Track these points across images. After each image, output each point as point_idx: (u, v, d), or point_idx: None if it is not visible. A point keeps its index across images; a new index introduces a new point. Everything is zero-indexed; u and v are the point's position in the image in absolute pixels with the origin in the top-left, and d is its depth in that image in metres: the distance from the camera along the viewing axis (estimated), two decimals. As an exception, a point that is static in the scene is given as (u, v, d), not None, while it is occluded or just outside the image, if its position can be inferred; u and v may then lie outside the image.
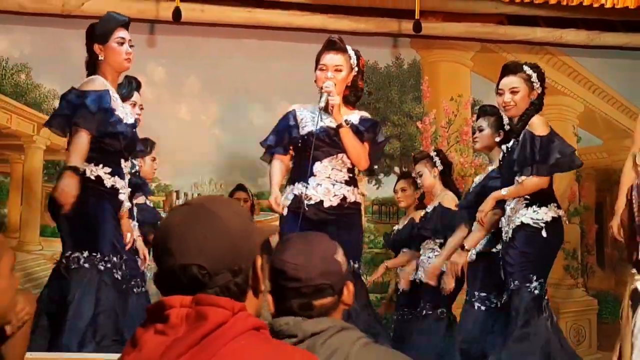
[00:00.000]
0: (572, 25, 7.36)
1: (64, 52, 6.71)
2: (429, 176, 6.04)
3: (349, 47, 4.81)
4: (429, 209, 6.06)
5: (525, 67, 5.01)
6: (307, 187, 4.67)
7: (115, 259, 4.39)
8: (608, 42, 7.39)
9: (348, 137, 4.68)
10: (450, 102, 7.50)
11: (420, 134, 7.41)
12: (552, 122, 7.02)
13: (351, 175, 4.79)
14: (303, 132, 4.77)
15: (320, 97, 4.66)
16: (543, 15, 7.23)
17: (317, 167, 4.70)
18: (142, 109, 5.41)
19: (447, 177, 6.08)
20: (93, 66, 4.50)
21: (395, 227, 6.52)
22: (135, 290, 5.15)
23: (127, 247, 4.76)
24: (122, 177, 4.51)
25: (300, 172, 4.76)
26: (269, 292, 2.51)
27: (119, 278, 4.41)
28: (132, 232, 4.88)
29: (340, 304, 2.40)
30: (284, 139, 4.84)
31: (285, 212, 4.73)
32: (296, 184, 4.75)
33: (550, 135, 4.90)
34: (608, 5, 6.51)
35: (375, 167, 5.27)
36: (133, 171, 5.25)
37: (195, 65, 7.14)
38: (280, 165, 4.86)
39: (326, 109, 4.66)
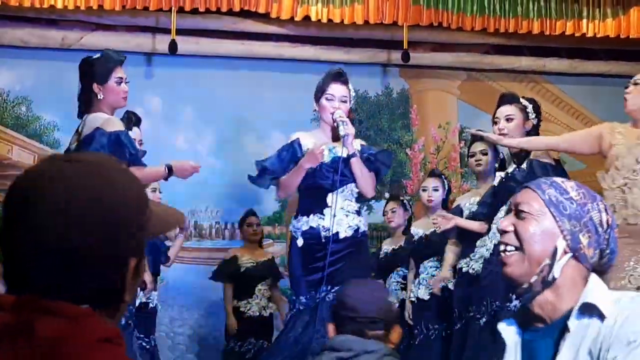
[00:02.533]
0: (555, 54, 7.41)
1: (63, 84, 6.48)
2: (442, 193, 5.95)
3: None
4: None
5: (522, 99, 4.99)
6: (323, 219, 4.49)
7: None
8: (590, 70, 7.43)
9: (358, 166, 4.50)
10: (438, 130, 7.50)
11: (409, 160, 7.41)
12: None
13: (359, 205, 4.67)
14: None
15: (337, 126, 4.44)
16: (527, 45, 7.28)
17: (331, 197, 4.51)
18: (141, 143, 5.30)
19: (446, 198, 6.05)
20: (89, 102, 4.39)
21: (384, 250, 6.37)
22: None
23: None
24: None
25: (313, 203, 4.55)
26: (331, 322, 2.86)
27: None
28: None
29: (387, 341, 2.72)
30: (289, 166, 4.62)
31: (300, 243, 4.54)
32: (311, 215, 4.53)
33: (558, 164, 4.87)
34: (589, 35, 6.58)
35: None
36: None
37: (190, 96, 7.13)
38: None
39: (336, 137, 4.52)
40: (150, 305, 5.74)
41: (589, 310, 1.88)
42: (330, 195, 4.50)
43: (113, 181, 1.27)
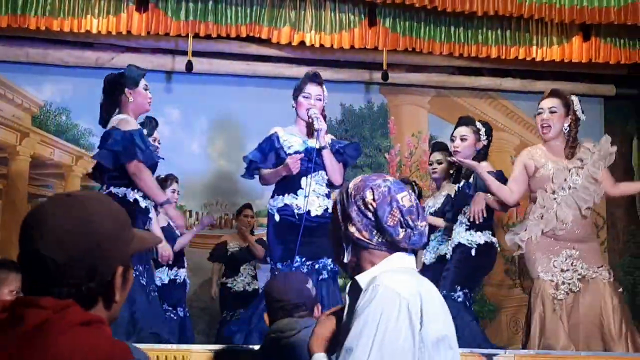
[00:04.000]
0: (509, 74, 7.41)
1: (97, 97, 6.22)
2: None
3: None
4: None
5: (477, 122, 5.06)
6: (296, 198, 4.46)
7: (141, 267, 4.35)
8: (538, 88, 7.17)
9: (328, 157, 4.49)
10: (411, 138, 7.56)
11: (387, 163, 7.44)
12: (493, 153, 7.07)
13: (329, 190, 4.59)
14: (290, 151, 4.51)
15: (312, 122, 4.43)
16: (486, 67, 7.27)
17: (304, 181, 4.46)
18: (159, 143, 5.37)
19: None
20: (115, 107, 4.41)
21: None
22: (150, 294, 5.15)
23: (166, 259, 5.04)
24: None
25: (289, 185, 4.49)
26: (265, 312, 2.95)
27: (144, 284, 4.37)
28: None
29: (313, 317, 2.81)
30: (270, 158, 4.57)
31: (277, 218, 4.49)
32: (286, 195, 4.49)
33: (499, 173, 4.85)
34: (538, 59, 6.48)
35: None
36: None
37: (204, 108, 7.20)
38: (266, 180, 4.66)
39: (311, 132, 4.49)
40: (178, 281, 5.74)
41: (356, 285, 1.94)
42: (304, 179, 4.45)
43: (94, 213, 1.37)
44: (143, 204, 4.36)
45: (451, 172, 5.34)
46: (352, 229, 1.95)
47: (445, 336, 1.83)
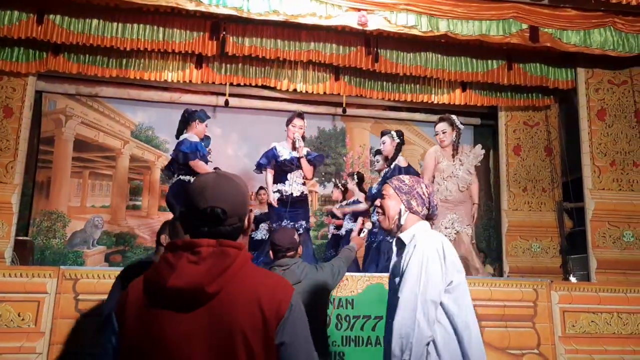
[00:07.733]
0: (418, 110, 7.35)
1: (170, 120, 6.22)
2: (353, 184, 5.90)
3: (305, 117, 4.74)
4: (352, 199, 5.98)
5: (392, 132, 5.10)
6: (284, 185, 4.45)
7: None
8: (435, 120, 7.26)
9: (304, 163, 4.45)
10: (359, 148, 7.56)
11: (345, 162, 7.42)
12: (408, 157, 6.95)
13: (304, 180, 4.53)
14: (281, 158, 4.52)
15: (295, 141, 4.42)
16: (404, 106, 7.17)
17: (289, 176, 4.47)
18: (210, 150, 5.04)
19: (360, 184, 5.97)
20: (185, 129, 4.45)
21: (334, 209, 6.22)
22: None
23: None
24: None
25: (280, 178, 4.51)
26: (271, 251, 2.83)
27: None
28: None
29: (297, 255, 2.79)
30: (271, 162, 4.53)
31: (274, 198, 4.49)
32: (279, 184, 4.49)
33: (408, 167, 4.88)
34: (435, 102, 6.33)
35: (315, 178, 5.07)
36: None
37: (236, 128, 7.15)
38: (270, 175, 4.58)
39: (295, 147, 4.47)
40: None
41: (401, 240, 2.03)
42: (289, 175, 4.48)
43: (239, 180, 1.42)
44: None
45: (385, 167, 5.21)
46: (413, 202, 2.00)
47: (455, 262, 1.93)
